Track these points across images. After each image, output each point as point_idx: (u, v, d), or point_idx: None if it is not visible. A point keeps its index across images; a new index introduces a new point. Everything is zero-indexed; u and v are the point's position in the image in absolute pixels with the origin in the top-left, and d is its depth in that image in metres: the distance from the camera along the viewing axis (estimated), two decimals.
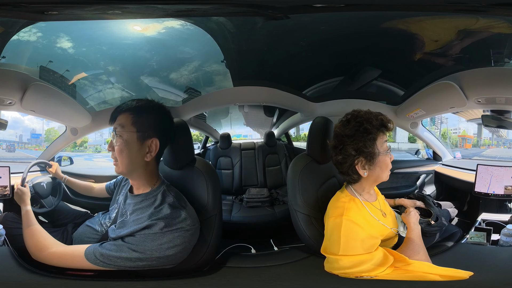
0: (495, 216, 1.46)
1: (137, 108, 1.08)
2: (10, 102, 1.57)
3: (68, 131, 1.99)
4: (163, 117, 1.12)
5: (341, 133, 1.03)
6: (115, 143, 1.05)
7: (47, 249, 1.05)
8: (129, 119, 1.05)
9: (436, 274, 1.01)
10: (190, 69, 1.91)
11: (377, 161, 1.03)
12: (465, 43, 1.55)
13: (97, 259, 0.98)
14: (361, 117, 1.02)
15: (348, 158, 1.02)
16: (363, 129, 0.99)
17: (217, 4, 1.15)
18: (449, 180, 2.08)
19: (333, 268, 1.05)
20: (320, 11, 1.24)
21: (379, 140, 1.03)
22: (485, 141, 2.62)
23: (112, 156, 1.07)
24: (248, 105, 2.81)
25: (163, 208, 1.01)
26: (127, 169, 1.06)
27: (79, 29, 1.62)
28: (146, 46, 1.75)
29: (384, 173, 1.07)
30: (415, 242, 1.12)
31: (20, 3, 1.09)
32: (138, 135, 1.05)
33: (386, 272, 0.99)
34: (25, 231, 1.12)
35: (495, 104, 1.60)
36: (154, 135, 1.07)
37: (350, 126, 1.01)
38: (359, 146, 0.99)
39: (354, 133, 1.00)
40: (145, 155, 1.06)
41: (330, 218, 1.07)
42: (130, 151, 1.05)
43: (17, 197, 1.25)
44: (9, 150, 2.70)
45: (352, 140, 1.00)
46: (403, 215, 1.26)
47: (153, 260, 0.98)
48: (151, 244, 0.97)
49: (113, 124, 1.08)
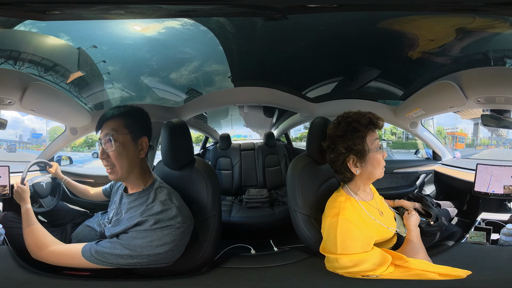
0: (494, 215, 1.46)
1: (125, 113, 1.13)
2: (10, 101, 1.57)
3: (68, 130, 1.99)
4: (146, 117, 1.18)
5: (333, 134, 1.09)
6: (109, 149, 1.07)
7: (46, 247, 1.06)
8: (120, 123, 1.09)
9: (435, 273, 1.03)
10: (190, 69, 1.91)
11: (368, 158, 1.06)
12: (464, 42, 1.55)
13: (92, 257, 1.00)
14: (350, 117, 1.08)
15: (339, 156, 1.07)
16: (352, 128, 1.04)
17: (218, 5, 1.16)
18: (448, 180, 2.08)
19: (334, 267, 1.06)
20: (314, 12, 1.27)
21: (368, 138, 1.06)
22: (483, 141, 2.60)
23: (106, 164, 1.09)
24: (248, 105, 2.82)
25: (154, 205, 1.03)
26: (126, 171, 1.08)
27: (78, 29, 1.62)
28: (146, 46, 1.75)
29: (377, 170, 1.09)
30: (414, 242, 1.15)
31: (23, 2, 1.09)
32: (131, 136, 1.10)
33: (389, 270, 1.01)
34: (25, 230, 1.13)
35: (495, 103, 1.60)
36: (143, 134, 1.13)
37: (340, 127, 1.07)
38: (348, 145, 1.04)
39: (344, 133, 1.05)
40: (139, 152, 1.11)
41: (327, 218, 1.09)
42: (128, 152, 1.09)
43: (16, 196, 1.25)
44: (9, 150, 2.69)
45: (342, 139, 1.05)
46: (404, 216, 1.27)
47: (143, 258, 0.99)
48: (141, 241, 0.98)
49: (102, 132, 1.10)
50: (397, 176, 2.22)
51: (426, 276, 1.03)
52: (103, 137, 1.09)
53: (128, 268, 1.02)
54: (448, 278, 1.03)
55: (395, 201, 1.44)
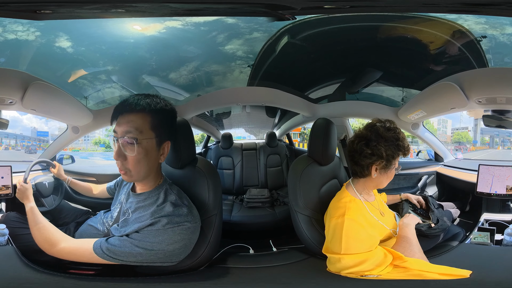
0: (497, 216, 1.47)
1: (155, 110, 0.98)
2: (11, 101, 1.56)
3: (69, 129, 1.99)
4: (174, 117, 1.08)
5: (381, 133, 1.11)
6: (129, 153, 0.94)
7: (58, 244, 1.04)
8: (147, 122, 0.96)
9: (434, 272, 1.04)
10: (190, 69, 1.91)
11: (388, 171, 1.14)
12: (464, 43, 1.55)
13: (104, 253, 0.99)
14: (400, 134, 1.14)
15: (373, 155, 1.10)
16: (397, 145, 1.11)
17: (227, 4, 1.14)
18: (451, 181, 2.07)
19: (336, 268, 1.08)
20: (329, 12, 1.30)
21: (397, 158, 1.15)
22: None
23: (122, 165, 0.98)
24: (250, 105, 2.82)
25: (166, 206, 1.01)
26: (143, 177, 1.02)
27: (77, 28, 1.61)
28: (147, 46, 1.74)
29: (386, 182, 1.18)
30: (405, 240, 1.16)
31: (8, 2, 1.04)
32: (156, 141, 0.98)
33: (387, 270, 1.03)
34: (33, 228, 1.09)
35: (496, 104, 1.59)
36: (167, 138, 1.03)
37: (390, 134, 1.11)
38: (388, 154, 1.10)
39: (391, 143, 1.11)
40: (160, 157, 1.03)
41: (332, 218, 1.10)
42: (149, 159, 0.98)
43: (20, 194, 1.20)
44: (29, 152, 2.67)
45: (386, 145, 1.10)
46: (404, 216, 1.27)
47: (152, 255, 0.98)
48: (152, 240, 0.97)
49: (120, 127, 0.95)
50: (399, 178, 2.22)
51: (425, 276, 1.04)
52: (122, 135, 0.95)
53: (132, 266, 1.02)
54: (448, 277, 1.03)
55: (402, 195, 1.50)
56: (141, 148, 0.95)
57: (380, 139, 1.10)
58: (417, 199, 1.47)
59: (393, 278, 1.03)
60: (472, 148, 3.44)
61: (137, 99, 0.97)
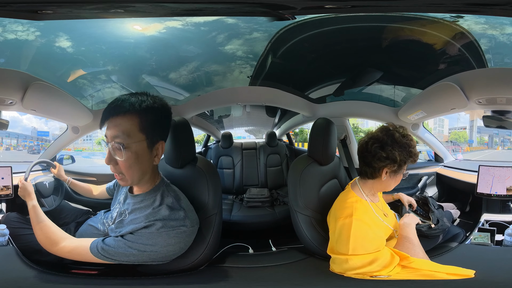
0: (498, 216, 1.47)
1: (142, 109, 0.92)
2: (11, 102, 1.56)
3: (70, 129, 2.00)
4: (167, 114, 1.02)
5: (397, 139, 1.12)
6: (119, 157, 0.92)
7: (59, 243, 1.05)
8: (135, 124, 0.92)
9: (443, 272, 1.04)
10: (190, 69, 1.91)
11: (397, 175, 1.16)
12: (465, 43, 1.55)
13: (99, 253, 0.99)
14: (413, 141, 1.16)
15: (387, 159, 1.11)
16: (409, 151, 1.13)
17: (227, 4, 1.14)
18: (451, 182, 2.07)
19: (342, 268, 1.07)
20: (330, 12, 1.30)
21: (407, 164, 1.17)
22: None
23: (115, 170, 0.96)
24: (250, 105, 2.81)
25: (162, 209, 1.00)
26: (137, 179, 1.01)
27: (77, 28, 1.61)
28: (147, 46, 1.74)
29: (393, 186, 1.20)
30: (407, 240, 1.17)
31: (9, 2, 1.04)
32: (147, 143, 0.94)
33: (396, 271, 1.03)
34: (35, 226, 1.08)
35: (496, 104, 1.59)
36: (160, 138, 0.99)
37: (404, 141, 1.12)
38: (401, 159, 1.11)
39: (404, 149, 1.12)
40: (153, 159, 0.99)
41: (339, 219, 1.10)
42: (141, 163, 0.95)
43: (21, 192, 1.17)
44: (33, 152, 2.64)
45: (400, 150, 1.11)
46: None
47: (145, 256, 0.98)
48: (145, 242, 0.97)
49: (110, 130, 0.92)
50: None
51: (435, 276, 1.04)
52: (110, 140, 0.91)
53: (132, 266, 1.02)
54: (454, 277, 1.03)
55: (394, 195, 1.50)
56: (130, 152, 0.92)
57: (395, 144, 1.11)
58: (408, 201, 1.47)
59: (403, 278, 1.02)
60: (467, 148, 3.43)
61: (122, 100, 0.93)
